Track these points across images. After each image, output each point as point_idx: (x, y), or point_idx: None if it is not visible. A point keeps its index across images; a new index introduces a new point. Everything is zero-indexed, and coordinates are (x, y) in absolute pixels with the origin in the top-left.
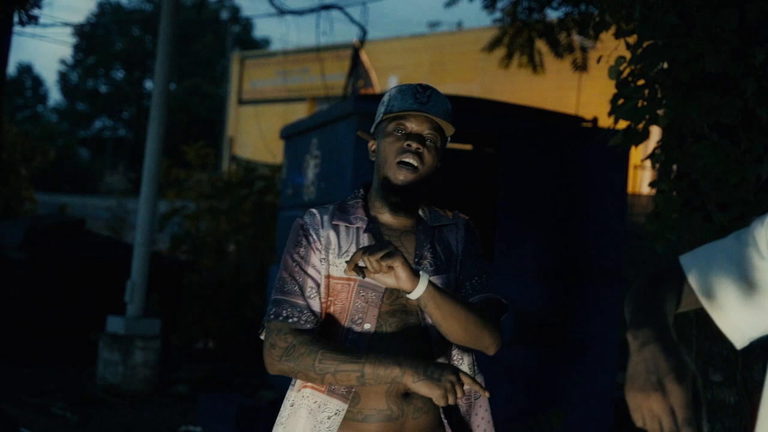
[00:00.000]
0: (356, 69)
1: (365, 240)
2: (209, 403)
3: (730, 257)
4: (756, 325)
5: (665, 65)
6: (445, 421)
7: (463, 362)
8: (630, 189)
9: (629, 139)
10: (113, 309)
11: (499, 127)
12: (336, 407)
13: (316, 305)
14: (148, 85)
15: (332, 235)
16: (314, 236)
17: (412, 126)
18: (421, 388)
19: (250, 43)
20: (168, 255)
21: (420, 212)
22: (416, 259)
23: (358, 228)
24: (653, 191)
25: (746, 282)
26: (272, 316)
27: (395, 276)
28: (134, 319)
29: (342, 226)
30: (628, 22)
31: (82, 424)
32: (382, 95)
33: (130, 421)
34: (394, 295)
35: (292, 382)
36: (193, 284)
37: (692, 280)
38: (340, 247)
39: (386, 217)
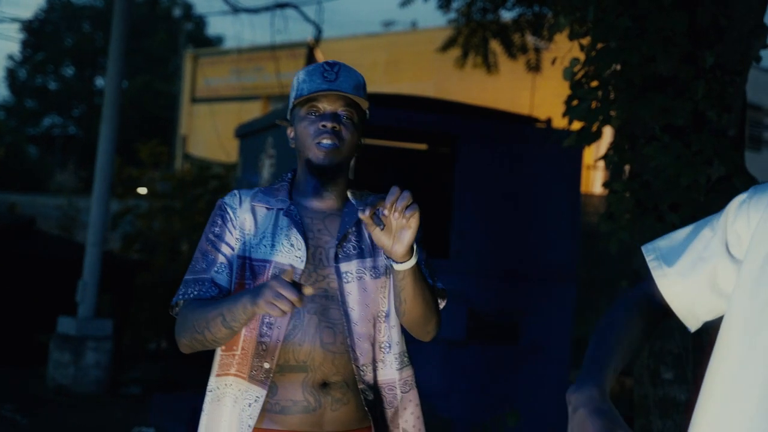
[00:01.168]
0: None
1: (284, 222)
2: (162, 404)
3: (689, 241)
4: (710, 307)
5: (618, 67)
6: (368, 411)
7: (391, 351)
8: (582, 189)
9: (583, 139)
10: (64, 309)
11: (454, 127)
12: (256, 394)
13: (222, 279)
14: (99, 82)
15: (249, 216)
16: (231, 215)
17: (324, 106)
18: (256, 308)
19: (204, 41)
20: (120, 254)
21: (349, 194)
22: (338, 242)
23: (278, 210)
24: (605, 191)
25: (702, 263)
26: (180, 296)
27: (399, 238)
28: (86, 319)
29: (262, 207)
30: (581, 24)
31: (31, 426)
32: None
33: (82, 422)
34: (313, 278)
35: (212, 369)
36: (146, 284)
37: (650, 263)
38: (257, 228)
39: (311, 200)
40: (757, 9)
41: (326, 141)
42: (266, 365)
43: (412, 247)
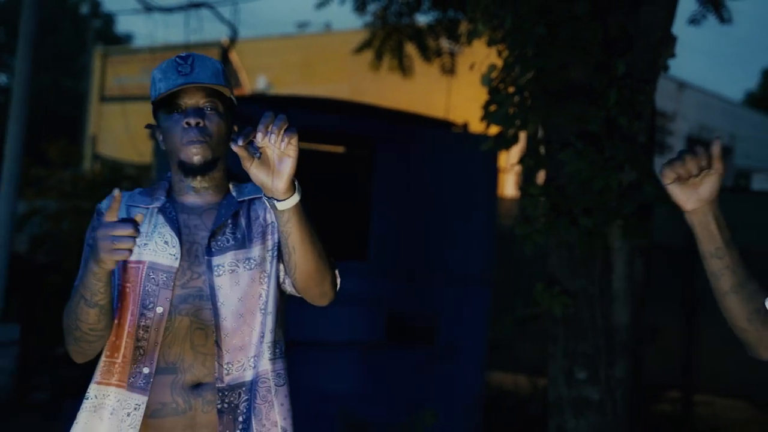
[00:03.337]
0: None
1: (159, 220)
2: (73, 410)
3: None
4: None
5: (533, 74)
6: (218, 417)
7: (264, 340)
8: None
9: (500, 144)
10: None
11: (372, 130)
12: (135, 402)
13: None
14: (0, 78)
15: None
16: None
17: (185, 102)
18: (103, 265)
19: (112, 39)
20: (28, 256)
21: (231, 187)
22: (210, 234)
23: (154, 209)
24: (518, 194)
25: None
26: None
27: (279, 171)
28: None
29: (138, 208)
30: (498, 30)
31: None
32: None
33: None
34: (186, 276)
35: (94, 375)
36: (55, 286)
37: None
38: None
39: (190, 197)
40: (665, 20)
41: (193, 139)
42: (146, 370)
43: (294, 184)
